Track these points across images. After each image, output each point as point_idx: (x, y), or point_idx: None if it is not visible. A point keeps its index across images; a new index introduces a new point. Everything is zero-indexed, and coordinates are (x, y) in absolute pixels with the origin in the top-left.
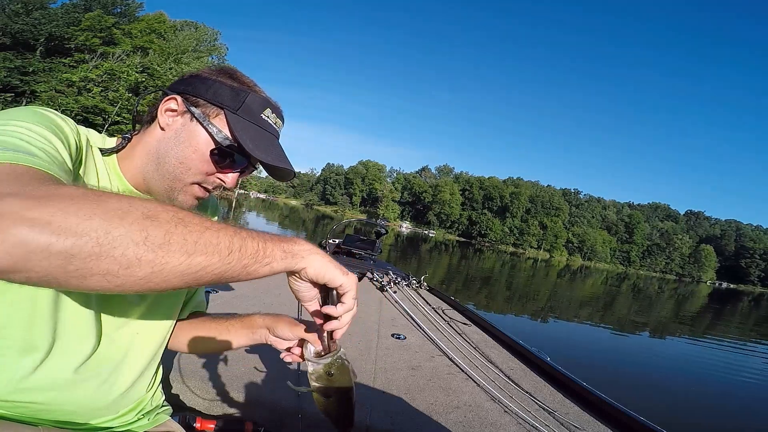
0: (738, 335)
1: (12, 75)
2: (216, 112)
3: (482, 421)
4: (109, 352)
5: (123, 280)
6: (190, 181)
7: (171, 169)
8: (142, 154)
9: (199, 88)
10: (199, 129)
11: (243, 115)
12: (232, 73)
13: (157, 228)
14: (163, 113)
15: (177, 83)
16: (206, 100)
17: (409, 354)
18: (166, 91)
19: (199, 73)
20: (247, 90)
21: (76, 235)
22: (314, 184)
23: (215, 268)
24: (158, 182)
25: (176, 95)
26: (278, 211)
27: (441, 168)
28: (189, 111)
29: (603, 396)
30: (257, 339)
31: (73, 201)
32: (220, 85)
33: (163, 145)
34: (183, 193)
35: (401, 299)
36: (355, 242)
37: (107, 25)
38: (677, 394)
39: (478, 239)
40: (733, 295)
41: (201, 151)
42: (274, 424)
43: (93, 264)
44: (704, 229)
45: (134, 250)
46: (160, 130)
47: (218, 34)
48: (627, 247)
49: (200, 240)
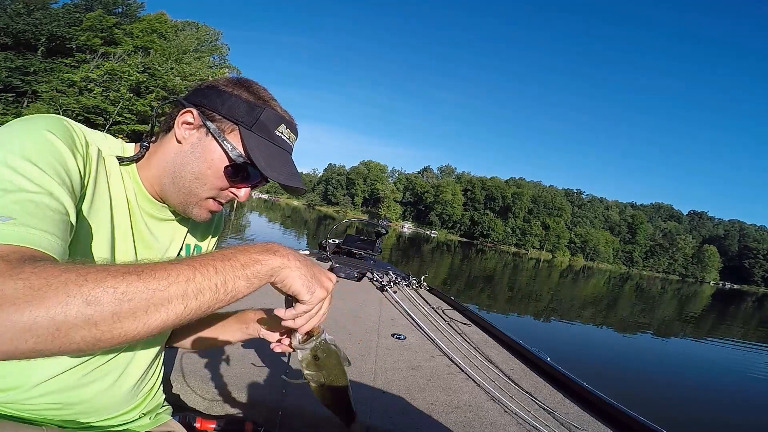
0: (741, 336)
1: (13, 75)
2: (231, 128)
3: (482, 421)
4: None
5: (100, 347)
6: (205, 196)
7: (186, 184)
8: (159, 165)
9: (215, 102)
10: (214, 144)
11: (257, 131)
12: (248, 86)
13: (101, 312)
14: (180, 126)
15: (194, 94)
16: (221, 114)
17: (409, 354)
18: (182, 102)
19: (216, 84)
20: (263, 105)
21: (31, 331)
22: (316, 185)
23: (175, 320)
24: (174, 195)
25: (192, 108)
26: (280, 212)
27: (443, 168)
28: (204, 125)
29: (603, 396)
30: (251, 333)
31: (15, 301)
32: (235, 100)
33: (180, 159)
34: (198, 207)
35: (401, 299)
36: (355, 242)
37: (108, 25)
38: (678, 395)
39: (480, 240)
40: (736, 295)
41: (216, 167)
42: (274, 424)
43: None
44: (707, 229)
45: (89, 333)
46: (176, 143)
47: (220, 34)
48: (630, 248)
49: (150, 307)
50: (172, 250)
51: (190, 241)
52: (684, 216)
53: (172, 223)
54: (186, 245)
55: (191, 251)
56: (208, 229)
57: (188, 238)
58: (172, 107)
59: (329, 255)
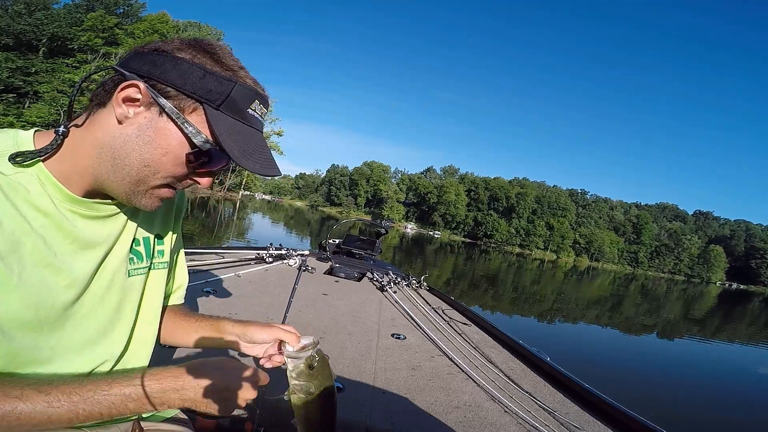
0: (747, 337)
1: (15, 75)
2: (193, 106)
3: (482, 421)
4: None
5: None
6: (157, 184)
7: (133, 172)
8: (91, 151)
9: (170, 73)
10: (170, 127)
11: (226, 110)
12: (211, 52)
13: None
14: (121, 103)
15: (137, 60)
16: (179, 90)
17: (409, 354)
18: (122, 72)
19: (167, 48)
20: (233, 79)
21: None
22: (319, 186)
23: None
24: (116, 185)
25: (139, 81)
26: (283, 212)
27: (446, 168)
28: (157, 103)
29: (603, 396)
30: (226, 345)
31: None
32: (197, 70)
33: (121, 143)
34: (146, 196)
35: (401, 299)
36: (355, 242)
37: (110, 25)
38: (680, 395)
39: (483, 240)
40: (743, 295)
41: (174, 153)
42: (274, 424)
43: None
44: (713, 229)
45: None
46: (115, 123)
47: (222, 34)
48: (635, 248)
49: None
50: (120, 249)
51: (147, 234)
52: (689, 216)
53: (115, 217)
54: (144, 239)
55: (151, 246)
56: (167, 214)
57: (141, 231)
58: (104, 76)
59: (329, 255)
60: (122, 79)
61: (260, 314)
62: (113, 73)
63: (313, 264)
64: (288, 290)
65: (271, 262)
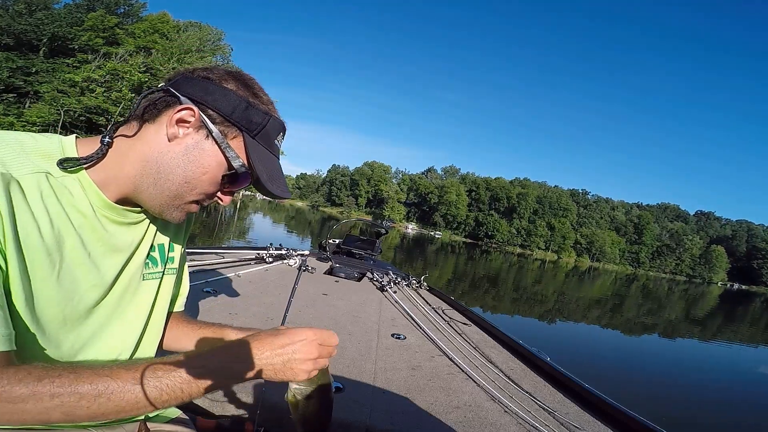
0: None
1: (15, 75)
2: (234, 134)
3: (482, 421)
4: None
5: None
6: (191, 200)
7: (173, 188)
8: (135, 163)
9: (220, 102)
10: (214, 150)
11: (260, 140)
12: (251, 86)
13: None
14: (174, 123)
15: (188, 85)
16: (226, 118)
17: (409, 354)
18: (177, 96)
19: (212, 77)
20: (269, 113)
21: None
22: (320, 186)
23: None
24: (154, 197)
25: (193, 106)
26: (284, 213)
27: (447, 169)
28: (206, 128)
29: (603, 396)
30: None
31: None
32: (243, 102)
33: (168, 160)
34: (179, 210)
35: (401, 299)
36: (355, 242)
37: (110, 25)
38: (681, 396)
39: (485, 240)
40: (744, 296)
41: (212, 173)
42: (274, 424)
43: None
44: (715, 229)
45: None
46: (164, 141)
47: (222, 34)
48: (636, 248)
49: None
50: (140, 254)
51: (162, 240)
52: (691, 216)
53: (140, 224)
54: (159, 245)
55: (165, 253)
56: (180, 226)
57: (159, 237)
58: (156, 95)
59: (329, 255)
60: (176, 101)
61: (260, 314)
62: (162, 92)
63: (314, 264)
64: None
65: (272, 262)
